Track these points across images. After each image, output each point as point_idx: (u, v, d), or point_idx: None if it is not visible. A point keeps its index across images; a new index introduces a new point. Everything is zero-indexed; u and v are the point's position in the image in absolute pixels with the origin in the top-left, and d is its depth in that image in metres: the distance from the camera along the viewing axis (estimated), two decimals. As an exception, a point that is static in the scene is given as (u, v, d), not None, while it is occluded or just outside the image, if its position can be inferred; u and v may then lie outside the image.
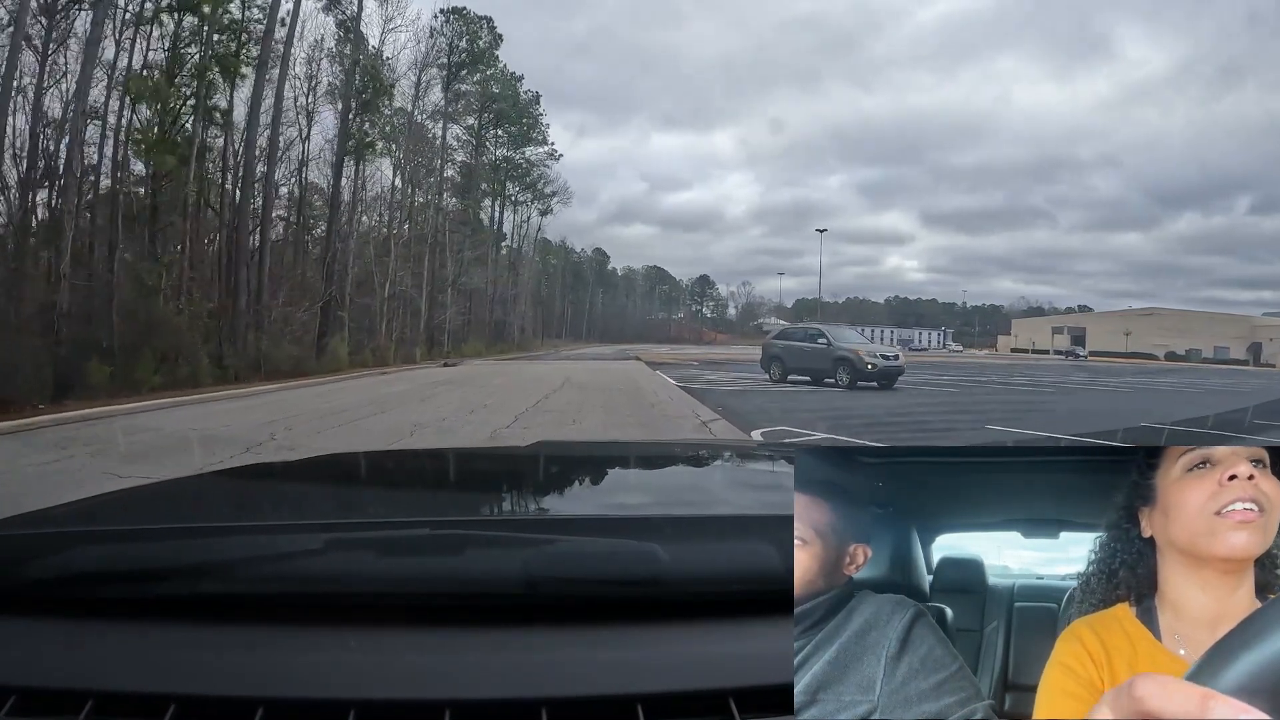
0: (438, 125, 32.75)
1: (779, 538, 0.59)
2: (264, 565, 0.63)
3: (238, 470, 1.39)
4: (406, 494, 1.16)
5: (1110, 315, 76.18)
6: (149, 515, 0.93)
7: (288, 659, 0.57)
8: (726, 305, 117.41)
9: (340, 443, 6.60)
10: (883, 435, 8.07)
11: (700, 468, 1.47)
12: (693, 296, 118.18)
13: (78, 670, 0.55)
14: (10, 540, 0.70)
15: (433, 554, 0.66)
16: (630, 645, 0.59)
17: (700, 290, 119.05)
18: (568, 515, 0.96)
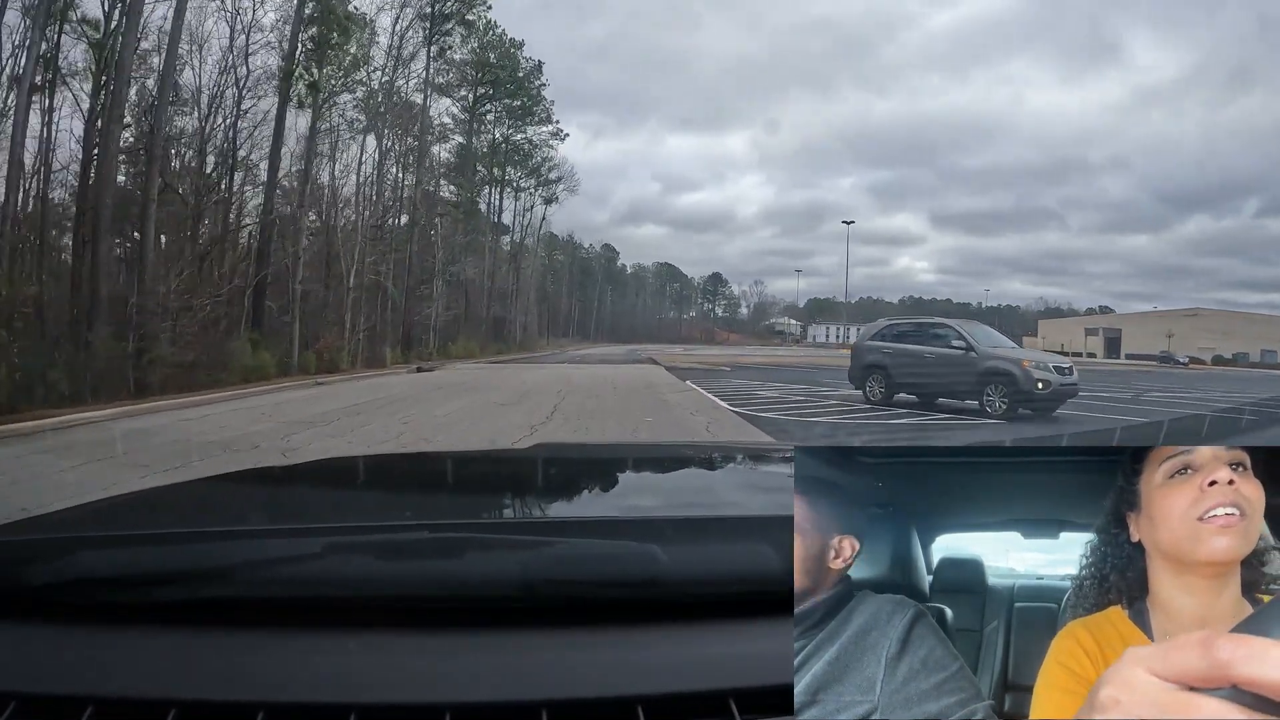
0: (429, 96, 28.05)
1: (779, 538, 0.59)
2: (264, 569, 0.63)
3: (236, 475, 1.39)
4: (406, 497, 1.14)
5: (1150, 316, 71.77)
6: (149, 520, 0.93)
7: (288, 663, 0.57)
8: (739, 304, 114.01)
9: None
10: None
11: (699, 469, 1.46)
12: (705, 295, 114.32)
13: (78, 676, 0.55)
14: (9, 546, 0.70)
15: (432, 557, 0.65)
16: (630, 647, 0.59)
17: (713, 289, 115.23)
18: (567, 517, 0.96)
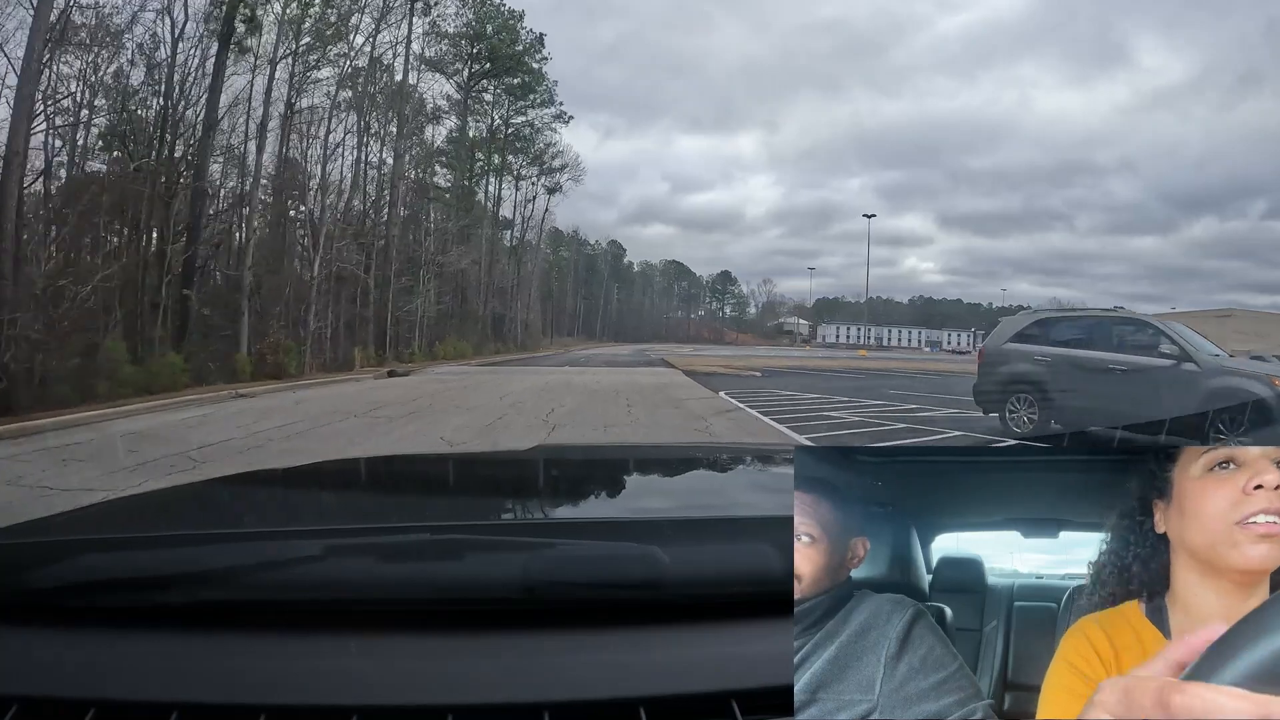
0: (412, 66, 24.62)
1: (780, 539, 0.58)
2: (265, 572, 0.62)
3: (238, 477, 1.36)
4: (407, 499, 1.13)
5: (1180, 317, 67.98)
6: (150, 523, 0.92)
7: (289, 665, 0.56)
8: (747, 303, 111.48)
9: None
10: None
11: (700, 470, 1.43)
12: (713, 293, 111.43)
13: (79, 679, 0.55)
14: (10, 549, 0.69)
15: (433, 559, 0.65)
16: (632, 648, 0.59)
17: (721, 287, 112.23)
18: (568, 519, 0.95)
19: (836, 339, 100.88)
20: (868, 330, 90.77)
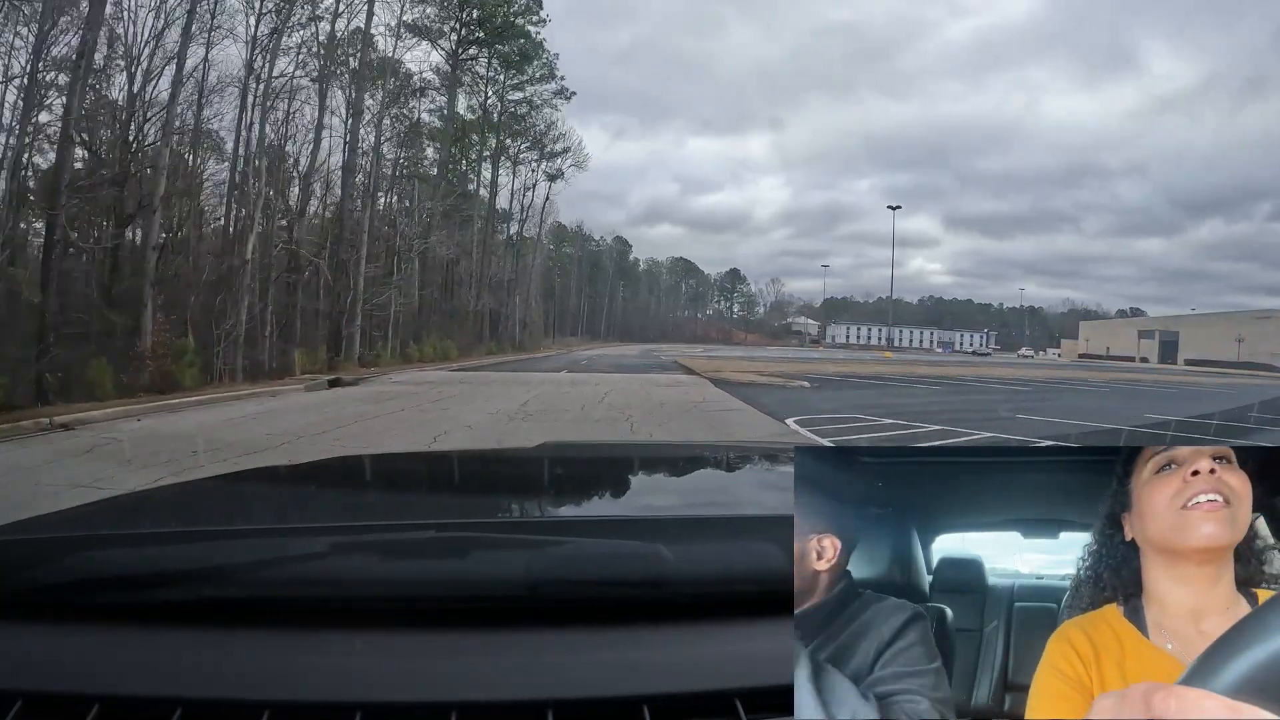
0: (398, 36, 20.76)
1: (783, 538, 0.58)
2: (269, 569, 0.62)
3: (242, 474, 1.36)
4: (411, 497, 1.13)
5: (1212, 318, 64.38)
6: (154, 519, 0.92)
7: (294, 662, 0.56)
8: (755, 303, 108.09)
9: None
10: None
11: (705, 469, 1.43)
12: (722, 292, 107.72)
13: (83, 675, 0.55)
14: (15, 545, 0.69)
15: (438, 556, 0.65)
16: (636, 646, 0.59)
17: (730, 286, 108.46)
18: (573, 517, 0.95)
19: (846, 339, 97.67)
20: (880, 330, 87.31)
